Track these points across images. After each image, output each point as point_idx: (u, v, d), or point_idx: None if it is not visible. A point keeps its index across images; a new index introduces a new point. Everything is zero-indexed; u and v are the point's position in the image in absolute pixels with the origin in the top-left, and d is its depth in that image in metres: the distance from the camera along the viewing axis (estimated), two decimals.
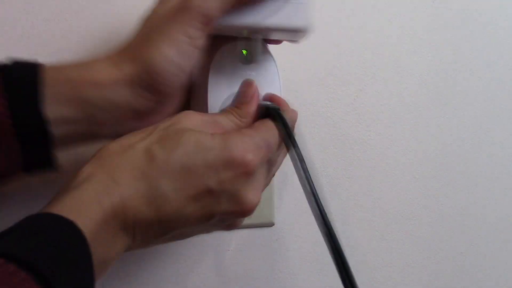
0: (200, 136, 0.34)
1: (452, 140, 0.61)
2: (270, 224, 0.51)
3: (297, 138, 0.37)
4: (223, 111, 0.39)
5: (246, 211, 0.36)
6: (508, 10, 0.65)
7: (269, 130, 0.37)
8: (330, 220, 0.36)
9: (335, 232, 0.36)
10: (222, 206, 0.35)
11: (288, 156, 0.39)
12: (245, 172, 0.34)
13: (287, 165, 0.52)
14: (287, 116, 0.38)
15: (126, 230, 0.32)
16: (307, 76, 0.54)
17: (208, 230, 0.39)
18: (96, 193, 0.31)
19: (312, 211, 0.37)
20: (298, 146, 0.37)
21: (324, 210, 0.36)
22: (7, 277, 0.24)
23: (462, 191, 0.61)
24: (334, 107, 0.55)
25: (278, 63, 0.52)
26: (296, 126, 0.41)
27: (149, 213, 0.33)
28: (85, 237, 0.29)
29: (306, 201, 0.50)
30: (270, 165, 0.39)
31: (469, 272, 0.61)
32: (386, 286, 0.56)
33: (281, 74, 0.52)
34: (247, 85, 0.40)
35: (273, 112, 0.37)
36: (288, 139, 0.37)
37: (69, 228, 0.28)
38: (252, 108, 0.39)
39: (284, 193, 0.52)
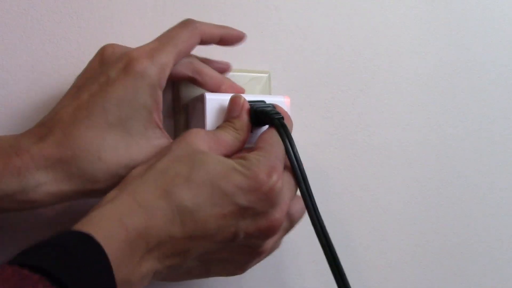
0: (219, 157, 0.36)
1: (452, 140, 0.60)
2: None
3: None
4: (220, 127, 0.41)
5: (272, 228, 0.37)
6: (508, 10, 0.65)
7: (276, 145, 0.39)
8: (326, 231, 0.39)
9: (332, 245, 0.39)
10: (248, 223, 0.36)
11: None
12: (271, 195, 0.36)
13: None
14: (287, 124, 0.41)
15: (151, 251, 0.32)
16: (307, 76, 0.54)
17: (234, 259, 0.39)
18: (119, 214, 0.32)
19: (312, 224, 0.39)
20: (298, 155, 0.40)
21: (323, 223, 0.39)
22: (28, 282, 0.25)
23: (462, 191, 0.61)
24: (334, 107, 0.55)
25: (278, 63, 0.52)
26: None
27: (172, 228, 0.33)
28: (105, 252, 0.29)
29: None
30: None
31: (469, 271, 0.61)
32: (386, 286, 0.56)
33: (281, 74, 0.52)
34: (234, 101, 0.42)
35: (276, 123, 0.40)
36: (291, 152, 0.40)
37: (92, 246, 0.29)
38: (244, 119, 0.41)
39: None
